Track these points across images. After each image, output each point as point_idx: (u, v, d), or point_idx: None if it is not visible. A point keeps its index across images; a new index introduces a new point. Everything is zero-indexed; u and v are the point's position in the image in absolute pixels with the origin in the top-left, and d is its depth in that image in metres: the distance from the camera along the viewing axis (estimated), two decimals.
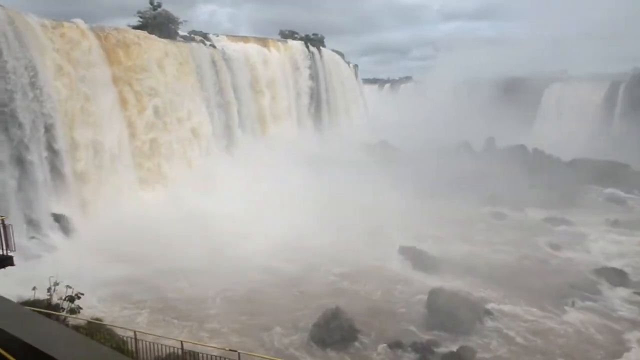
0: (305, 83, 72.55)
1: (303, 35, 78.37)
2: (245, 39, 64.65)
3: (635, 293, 29.46)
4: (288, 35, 77.19)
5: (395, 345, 22.81)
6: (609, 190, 56.52)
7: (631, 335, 24.64)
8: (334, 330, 22.96)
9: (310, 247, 33.76)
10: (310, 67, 73.86)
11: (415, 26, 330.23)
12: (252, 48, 62.78)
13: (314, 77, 74.38)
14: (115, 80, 40.64)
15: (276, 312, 25.80)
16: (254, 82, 60.98)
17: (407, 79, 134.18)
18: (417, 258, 32.94)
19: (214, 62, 54.40)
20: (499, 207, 47.50)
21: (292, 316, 25.40)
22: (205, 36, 57.43)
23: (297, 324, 24.55)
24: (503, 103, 79.52)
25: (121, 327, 15.68)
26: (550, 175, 50.88)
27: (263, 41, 66.93)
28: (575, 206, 48.90)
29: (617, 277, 31.10)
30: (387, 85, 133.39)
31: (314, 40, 78.86)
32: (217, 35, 59.69)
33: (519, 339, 23.92)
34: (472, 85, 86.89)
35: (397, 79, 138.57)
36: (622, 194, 55.91)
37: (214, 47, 56.30)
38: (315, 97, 74.57)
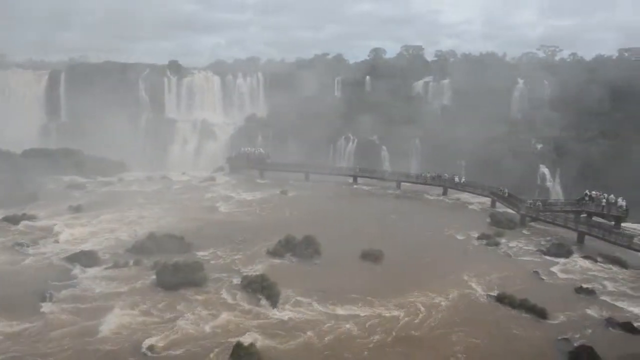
0: None
1: None
2: None
3: (105, 268, 31.37)
4: None
5: None
6: (69, 177, 57.82)
7: (110, 304, 25.93)
8: None
9: None
10: None
11: None
12: None
13: None
14: None
15: None
16: None
17: None
18: None
19: None
20: None
21: None
22: None
23: None
24: None
25: None
26: (3, 171, 47.25)
27: None
28: (37, 199, 47.71)
29: (88, 258, 32.20)
30: None
31: None
32: None
33: None
34: None
35: None
36: (80, 179, 58.26)
37: None
38: None
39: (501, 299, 27.90)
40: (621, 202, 45.04)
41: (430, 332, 24.51)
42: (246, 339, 22.47)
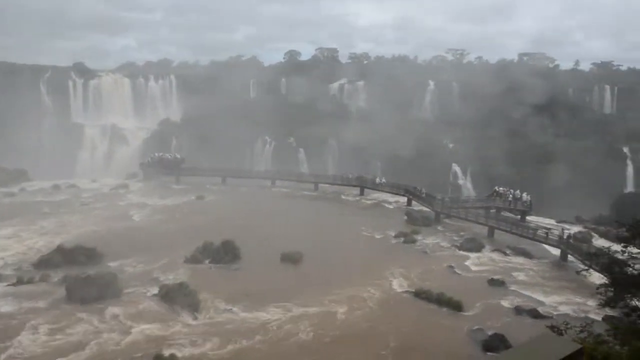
0: None
1: None
2: None
3: (7, 285, 28.99)
4: None
5: None
6: None
7: (16, 324, 23.94)
8: None
9: None
10: None
11: None
12: None
13: None
14: None
15: None
16: None
17: None
18: None
19: None
20: None
21: None
22: None
23: None
24: None
25: None
26: None
27: None
28: None
29: None
30: None
31: None
32: None
33: None
34: None
35: None
36: None
37: None
38: None
39: (419, 294, 28.81)
40: (526, 197, 48.14)
41: (360, 327, 24.96)
42: (166, 351, 21.64)
